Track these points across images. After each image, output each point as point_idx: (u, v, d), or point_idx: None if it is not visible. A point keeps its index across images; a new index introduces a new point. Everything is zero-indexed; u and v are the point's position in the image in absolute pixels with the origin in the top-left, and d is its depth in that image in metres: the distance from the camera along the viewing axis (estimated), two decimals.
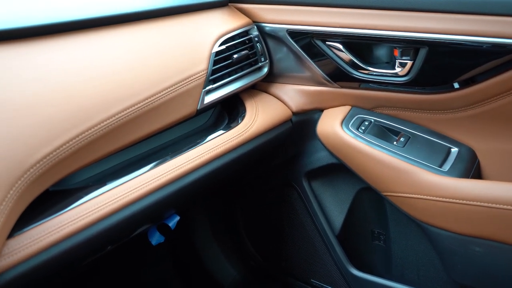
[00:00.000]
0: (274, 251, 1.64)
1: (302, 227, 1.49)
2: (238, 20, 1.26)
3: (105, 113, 0.87)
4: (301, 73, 1.31)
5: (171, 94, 1.01)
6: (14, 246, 0.76)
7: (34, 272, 0.78)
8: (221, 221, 1.74)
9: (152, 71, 0.98)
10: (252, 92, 1.34)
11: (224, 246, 1.75)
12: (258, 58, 1.28)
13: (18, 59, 0.81)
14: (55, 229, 0.80)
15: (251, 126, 1.19)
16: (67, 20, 0.90)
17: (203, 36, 1.14)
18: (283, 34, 1.27)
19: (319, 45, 1.23)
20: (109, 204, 0.88)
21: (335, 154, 1.27)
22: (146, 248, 1.64)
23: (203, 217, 1.72)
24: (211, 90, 1.14)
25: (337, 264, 1.43)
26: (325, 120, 1.29)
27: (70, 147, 0.82)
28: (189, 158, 1.04)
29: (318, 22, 1.21)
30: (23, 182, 0.74)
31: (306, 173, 1.39)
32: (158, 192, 0.97)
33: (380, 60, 1.21)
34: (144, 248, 1.64)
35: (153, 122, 0.99)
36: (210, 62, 1.12)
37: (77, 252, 0.84)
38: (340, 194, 1.40)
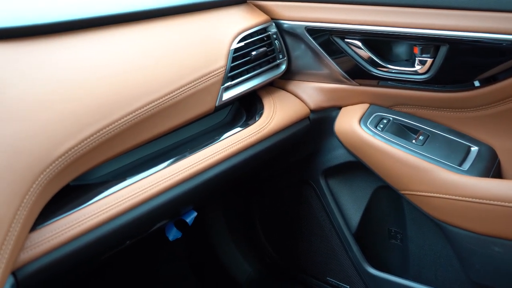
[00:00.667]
0: (290, 248, 1.64)
1: (319, 225, 1.49)
2: (256, 17, 1.26)
3: (126, 108, 0.88)
4: (319, 71, 1.30)
5: (190, 90, 1.01)
6: (36, 239, 0.77)
7: (55, 265, 0.80)
8: (237, 217, 1.75)
9: (172, 68, 0.99)
10: (269, 89, 1.34)
11: (239, 243, 1.76)
12: (276, 55, 1.28)
13: (41, 55, 0.82)
14: (76, 223, 0.81)
15: (269, 123, 1.19)
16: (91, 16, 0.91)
17: (222, 33, 1.15)
18: (301, 31, 1.26)
19: (337, 42, 1.22)
20: (129, 199, 0.89)
21: (352, 152, 1.27)
22: (162, 244, 1.66)
23: (219, 213, 1.73)
24: (229, 87, 1.14)
25: (353, 263, 1.42)
26: (343, 118, 1.28)
27: (91, 142, 0.83)
28: (207, 154, 1.05)
29: (337, 19, 1.21)
30: (45, 176, 0.75)
31: (323, 171, 1.39)
32: (177, 188, 0.97)
33: (399, 58, 1.20)
34: (160, 244, 1.65)
35: (172, 118, 1.00)
36: (228, 59, 1.12)
37: (97, 246, 0.85)
38: (357, 192, 1.39)
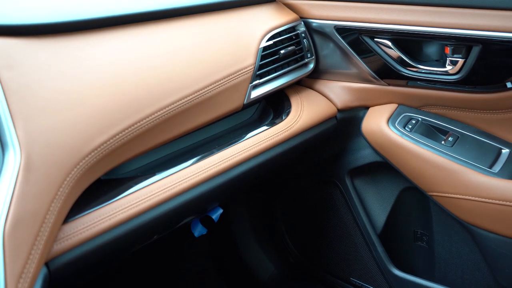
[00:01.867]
0: (313, 248, 1.63)
1: (343, 225, 1.48)
2: (285, 16, 1.26)
3: (157, 104, 0.89)
4: (347, 70, 1.30)
5: (219, 88, 1.02)
6: (68, 231, 0.79)
7: (86, 257, 0.81)
8: (261, 216, 1.75)
9: (202, 65, 1.00)
10: (297, 88, 1.34)
11: (263, 241, 1.76)
12: (305, 54, 1.28)
13: (77, 51, 0.84)
14: (107, 216, 0.83)
15: (296, 121, 1.19)
16: (122, 14, 0.93)
17: (252, 31, 1.15)
18: (330, 30, 1.26)
19: (367, 41, 1.22)
20: (158, 194, 0.90)
21: (380, 152, 1.26)
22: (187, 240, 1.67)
23: (243, 211, 1.73)
24: (257, 85, 1.14)
25: (378, 263, 1.41)
26: (371, 118, 1.27)
27: (123, 137, 0.84)
28: (234, 152, 1.05)
29: (366, 19, 1.20)
30: (78, 169, 0.77)
31: (349, 171, 1.39)
32: (205, 184, 0.98)
33: (429, 58, 1.19)
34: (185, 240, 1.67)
35: (201, 115, 1.01)
36: (257, 57, 1.13)
37: (127, 239, 0.87)
38: (383, 193, 1.38)
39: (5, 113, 0.70)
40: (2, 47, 0.74)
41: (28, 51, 0.77)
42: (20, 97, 0.72)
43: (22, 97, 0.73)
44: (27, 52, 0.77)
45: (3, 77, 0.72)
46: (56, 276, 0.77)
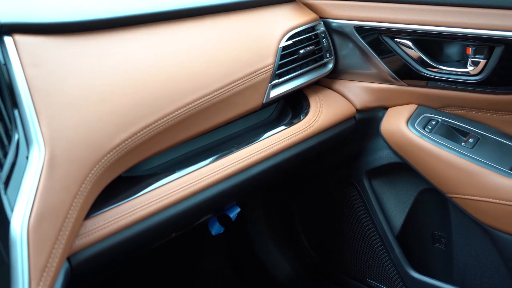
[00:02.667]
0: (330, 248, 1.63)
1: (360, 226, 1.47)
2: (305, 15, 1.26)
3: (177, 103, 0.90)
4: (366, 70, 1.29)
5: (239, 86, 1.03)
6: (90, 227, 0.80)
7: (107, 253, 0.82)
8: (277, 215, 1.75)
9: (222, 64, 1.01)
10: (316, 88, 1.34)
11: (279, 241, 1.76)
12: (324, 54, 1.28)
13: (99, 49, 0.85)
14: (127, 213, 0.84)
15: (315, 121, 1.19)
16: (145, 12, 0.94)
17: (271, 30, 1.15)
18: (350, 30, 1.26)
19: (387, 41, 1.21)
20: (178, 192, 0.91)
21: (398, 153, 1.25)
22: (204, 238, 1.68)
23: (260, 210, 1.74)
24: (276, 84, 1.15)
25: (395, 265, 1.40)
26: (390, 118, 1.27)
27: (144, 135, 0.85)
28: (253, 151, 1.06)
29: (387, 19, 1.19)
30: (100, 166, 0.78)
31: (367, 172, 1.38)
32: (223, 183, 0.99)
33: (450, 58, 1.18)
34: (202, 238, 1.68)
35: (221, 113, 1.02)
36: (277, 57, 1.13)
37: (146, 236, 0.88)
38: (401, 194, 1.37)
39: (30, 109, 0.71)
40: (27, 45, 0.76)
41: (53, 49, 0.78)
42: (45, 94, 0.74)
43: (47, 94, 0.74)
44: (52, 50, 0.78)
45: (29, 74, 0.73)
46: (77, 271, 0.78)
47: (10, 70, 0.73)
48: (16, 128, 0.71)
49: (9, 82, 0.72)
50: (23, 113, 0.71)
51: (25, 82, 0.73)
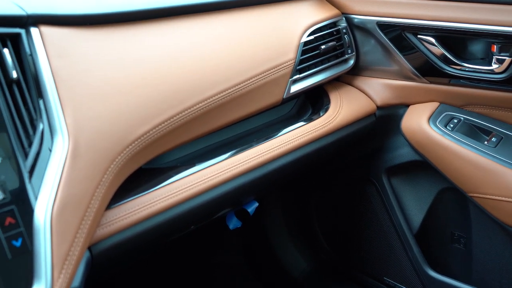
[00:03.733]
0: (347, 246, 1.62)
1: (378, 224, 1.46)
2: (327, 11, 1.25)
3: (199, 96, 0.91)
4: (388, 67, 1.28)
5: (260, 81, 1.03)
6: (111, 217, 0.81)
7: (127, 243, 0.83)
8: (294, 211, 1.75)
9: (244, 58, 1.01)
10: (336, 84, 1.33)
11: (296, 237, 1.76)
12: (345, 50, 1.27)
13: (123, 41, 0.85)
14: (148, 204, 0.85)
15: (335, 118, 1.19)
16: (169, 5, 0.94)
17: (293, 25, 1.15)
18: (372, 26, 1.25)
19: (409, 38, 1.20)
20: (198, 185, 0.91)
21: (419, 151, 1.24)
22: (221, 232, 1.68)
23: (277, 206, 1.74)
24: (297, 80, 1.14)
25: (413, 264, 1.39)
26: (411, 116, 1.26)
27: (165, 127, 0.85)
28: (273, 146, 1.06)
29: (410, 15, 1.18)
30: (122, 157, 0.79)
31: (386, 169, 1.37)
32: (243, 177, 0.99)
33: (474, 56, 1.16)
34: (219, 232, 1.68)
35: (242, 107, 1.02)
36: (298, 52, 1.13)
37: (165, 228, 0.88)
38: (420, 192, 1.36)
39: (55, 100, 0.72)
40: (53, 36, 0.77)
41: (78, 40, 0.79)
42: (69, 85, 0.74)
43: (71, 85, 0.75)
44: (77, 41, 0.79)
45: (54, 65, 0.74)
46: (98, 261, 0.79)
47: (36, 61, 0.73)
48: (41, 118, 0.72)
49: (35, 72, 0.73)
50: (48, 103, 0.72)
51: (50, 73, 0.74)
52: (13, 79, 0.71)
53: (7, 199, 0.65)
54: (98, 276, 0.86)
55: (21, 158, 0.68)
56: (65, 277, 0.66)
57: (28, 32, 0.75)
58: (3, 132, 0.67)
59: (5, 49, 0.72)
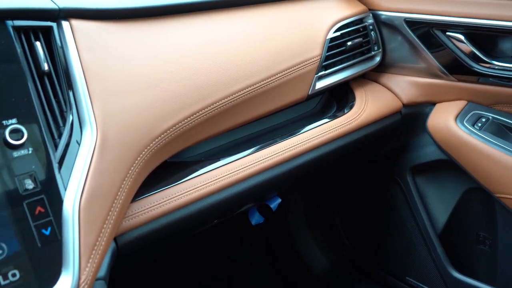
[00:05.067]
0: (369, 243, 1.61)
1: (402, 223, 1.45)
2: (354, 7, 1.24)
3: (225, 91, 0.91)
4: (415, 64, 1.26)
5: (286, 77, 1.02)
6: (136, 209, 0.82)
7: (151, 235, 0.84)
8: (317, 209, 1.74)
9: (270, 53, 1.00)
10: (361, 81, 1.32)
11: (317, 234, 1.76)
12: (371, 47, 1.26)
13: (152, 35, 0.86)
14: (172, 198, 0.86)
15: (360, 115, 1.18)
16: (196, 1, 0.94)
17: (319, 21, 1.14)
18: (399, 23, 1.23)
19: (438, 35, 1.18)
20: (222, 179, 0.92)
21: (445, 150, 1.22)
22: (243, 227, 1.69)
23: (299, 202, 1.74)
24: (322, 76, 1.14)
25: (436, 264, 1.38)
26: (438, 114, 1.24)
27: (191, 121, 0.86)
28: (297, 142, 1.05)
29: (439, 11, 1.16)
30: (149, 150, 0.79)
31: (411, 168, 1.35)
32: (267, 172, 0.99)
33: (504, 54, 1.14)
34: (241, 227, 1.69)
35: (266, 103, 1.02)
36: (324, 48, 1.12)
37: (189, 221, 0.89)
38: (445, 192, 1.34)
39: (84, 92, 0.73)
40: (83, 30, 0.78)
41: (108, 34, 0.80)
42: (98, 78, 0.76)
43: (100, 78, 0.76)
44: (106, 35, 0.80)
45: (84, 58, 0.75)
46: (123, 252, 0.81)
47: (66, 53, 0.75)
48: (71, 110, 0.73)
49: (65, 65, 0.74)
50: (78, 95, 0.73)
51: (80, 66, 0.75)
52: (44, 71, 0.72)
53: (37, 188, 0.66)
54: (122, 267, 0.87)
55: (51, 149, 0.69)
56: (92, 267, 0.67)
57: (59, 26, 0.76)
58: (34, 124, 0.68)
59: (37, 42, 0.73)
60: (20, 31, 0.72)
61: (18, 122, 0.67)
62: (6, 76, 0.68)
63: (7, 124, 0.66)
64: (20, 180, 0.65)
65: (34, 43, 0.73)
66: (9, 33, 0.70)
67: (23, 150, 0.67)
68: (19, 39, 0.71)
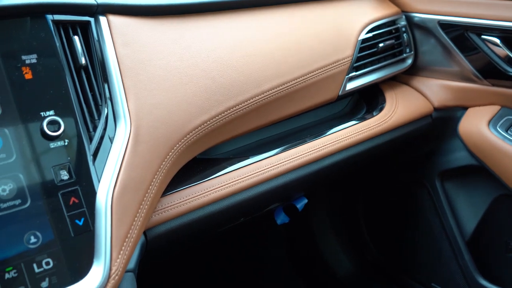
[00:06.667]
0: (394, 248, 1.60)
1: (429, 228, 1.43)
2: (387, 8, 1.23)
3: (256, 89, 0.91)
4: (447, 67, 1.24)
5: (317, 77, 1.02)
6: (166, 204, 0.83)
7: (179, 230, 0.85)
8: (341, 211, 1.73)
9: (302, 53, 1.00)
10: (392, 83, 1.31)
11: (341, 236, 1.75)
12: (403, 49, 1.24)
13: (186, 32, 0.87)
14: (201, 194, 0.86)
15: (390, 117, 1.17)
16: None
17: (352, 22, 1.14)
18: (433, 25, 1.21)
19: (472, 38, 1.16)
20: (251, 177, 0.92)
21: (476, 156, 1.20)
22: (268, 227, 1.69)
23: (324, 203, 1.73)
24: (353, 77, 1.13)
25: (463, 271, 1.35)
26: (470, 119, 1.22)
27: (222, 119, 0.87)
28: (326, 142, 1.05)
29: (474, 14, 1.14)
30: (180, 145, 0.80)
31: (440, 173, 1.34)
32: (295, 172, 0.99)
33: None
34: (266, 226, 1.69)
35: (296, 103, 1.02)
36: (356, 49, 1.11)
37: (217, 218, 0.90)
38: (475, 198, 1.32)
39: (119, 86, 0.75)
40: (120, 25, 0.79)
41: (143, 30, 0.81)
42: (133, 72, 0.77)
43: (135, 73, 0.77)
44: (142, 31, 0.81)
45: (120, 53, 0.77)
46: (152, 246, 0.82)
47: (103, 48, 0.76)
48: (106, 104, 0.74)
49: (102, 59, 0.76)
50: (113, 89, 0.75)
51: (116, 61, 0.76)
52: (81, 65, 0.74)
53: (72, 179, 0.67)
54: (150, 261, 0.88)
55: (86, 142, 0.70)
56: (123, 258, 0.68)
57: (97, 21, 0.77)
58: (71, 116, 0.70)
59: (75, 36, 0.74)
60: (59, 25, 0.74)
61: (55, 114, 0.68)
62: (45, 69, 0.69)
63: (45, 115, 0.67)
64: (56, 171, 0.67)
65: (72, 37, 0.74)
66: (49, 27, 0.71)
67: (59, 141, 0.68)
68: (58, 33, 0.73)
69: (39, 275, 0.63)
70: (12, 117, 0.65)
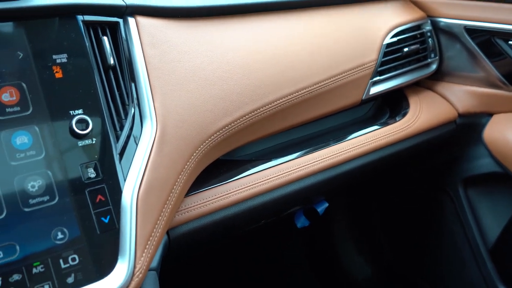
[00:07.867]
0: (413, 255, 1.58)
1: (450, 236, 1.41)
2: (412, 13, 1.22)
3: (280, 92, 0.91)
4: (473, 73, 1.23)
5: (341, 80, 1.02)
6: (189, 204, 0.84)
7: (202, 231, 0.86)
8: (360, 216, 1.72)
9: (326, 56, 1.00)
10: (416, 88, 1.30)
11: (360, 242, 1.74)
12: (428, 54, 1.23)
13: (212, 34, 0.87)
14: (224, 195, 0.87)
15: (414, 122, 1.16)
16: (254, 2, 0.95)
17: (377, 27, 1.13)
18: (459, 31, 1.20)
19: (499, 44, 1.14)
20: (274, 179, 0.92)
21: (501, 163, 1.18)
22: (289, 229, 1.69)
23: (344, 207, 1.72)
24: (377, 81, 1.13)
25: (486, 280, 1.33)
26: (495, 126, 1.20)
27: (245, 121, 0.87)
28: (349, 146, 1.05)
29: (501, 20, 1.13)
30: (205, 146, 0.81)
31: (463, 179, 1.32)
32: (318, 175, 0.99)
33: None
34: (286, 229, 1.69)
35: (320, 106, 1.02)
36: (380, 53, 1.11)
37: (238, 219, 0.90)
38: (499, 206, 1.30)
39: (146, 86, 0.76)
40: (147, 26, 0.80)
41: (171, 31, 0.82)
42: (160, 73, 0.78)
43: (162, 73, 0.78)
44: (169, 32, 0.82)
45: (147, 54, 0.78)
46: (174, 245, 0.82)
47: (131, 49, 0.77)
48: (133, 104, 0.75)
49: (130, 60, 0.77)
50: (140, 89, 0.75)
51: (144, 61, 0.77)
52: (110, 65, 0.75)
53: (99, 177, 0.68)
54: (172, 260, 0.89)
55: (113, 140, 0.71)
56: (147, 257, 0.69)
57: (126, 21, 0.78)
58: (99, 115, 0.71)
59: (104, 37, 0.76)
60: (89, 26, 0.75)
61: (84, 113, 0.69)
62: (75, 68, 0.70)
63: (74, 114, 0.69)
64: (83, 169, 0.68)
65: (101, 37, 0.75)
66: (79, 27, 0.73)
67: (87, 140, 0.69)
68: (88, 33, 0.74)
69: (65, 271, 0.64)
70: (42, 115, 0.67)
